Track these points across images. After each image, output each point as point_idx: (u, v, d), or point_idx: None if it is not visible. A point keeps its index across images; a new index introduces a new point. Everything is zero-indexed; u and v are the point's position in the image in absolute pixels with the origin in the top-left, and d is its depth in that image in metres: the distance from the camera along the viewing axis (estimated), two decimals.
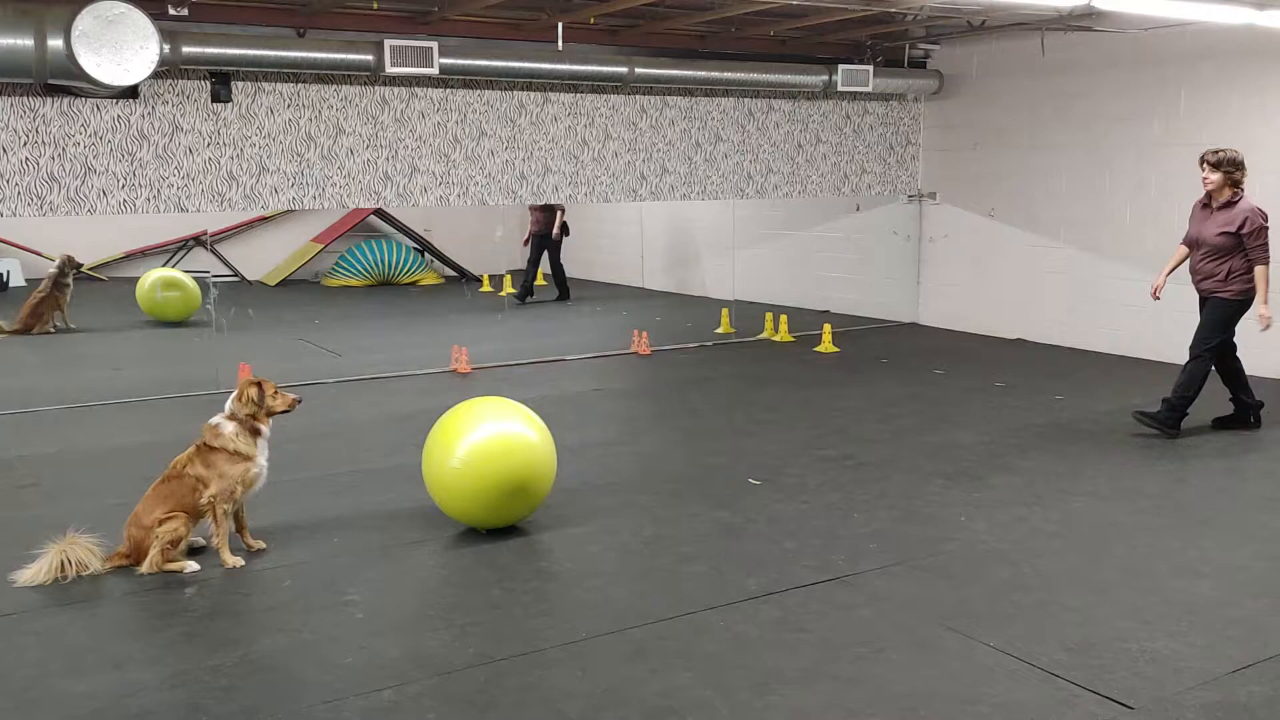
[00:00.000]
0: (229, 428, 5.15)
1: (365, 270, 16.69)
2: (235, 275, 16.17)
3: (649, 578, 4.86)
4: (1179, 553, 5.12)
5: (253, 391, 5.18)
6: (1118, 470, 6.46)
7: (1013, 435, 7.27)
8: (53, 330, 12.19)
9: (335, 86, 8.75)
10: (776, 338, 11.35)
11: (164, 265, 15.77)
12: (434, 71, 8.38)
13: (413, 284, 16.97)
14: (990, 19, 9.86)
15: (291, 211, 16.61)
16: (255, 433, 5.21)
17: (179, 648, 4.20)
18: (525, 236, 14.99)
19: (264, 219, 17.06)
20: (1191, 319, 9.23)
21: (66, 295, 12.31)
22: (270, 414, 5.27)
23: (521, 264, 18.89)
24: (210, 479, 5.04)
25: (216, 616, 4.49)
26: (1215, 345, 7.11)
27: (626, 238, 16.15)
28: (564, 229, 14.63)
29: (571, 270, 15.27)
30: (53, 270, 12.33)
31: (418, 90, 9.08)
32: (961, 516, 5.64)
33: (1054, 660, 4.00)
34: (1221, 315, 7.08)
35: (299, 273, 16.84)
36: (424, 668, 4.00)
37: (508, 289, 15.68)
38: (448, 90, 9.21)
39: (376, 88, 8.91)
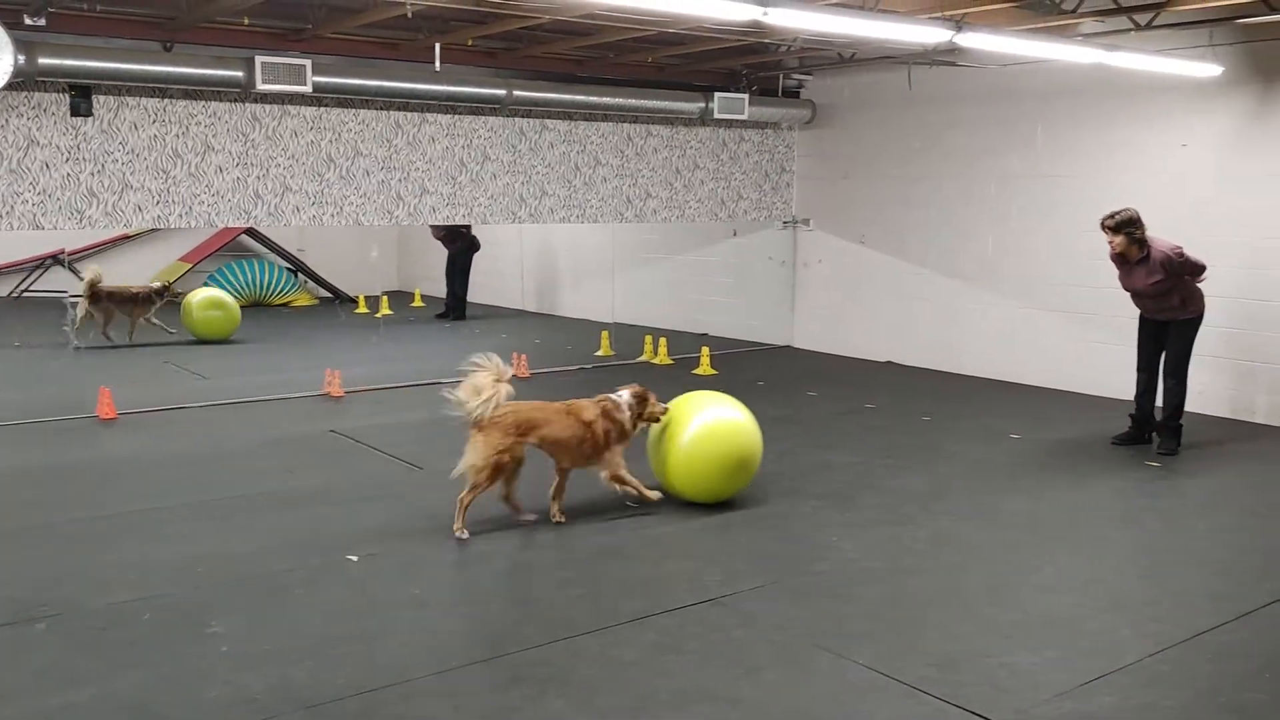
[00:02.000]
0: (626, 413, 5.98)
1: (236, 290, 16.16)
2: None
3: (525, 603, 4.83)
4: (1037, 569, 5.32)
5: (638, 392, 6.12)
6: (981, 490, 6.68)
7: (883, 456, 7.46)
8: None
9: (204, 102, 8.51)
10: (656, 360, 11.43)
11: (19, 284, 15.12)
12: (307, 89, 8.23)
13: (285, 305, 16.56)
14: (860, 52, 10.17)
15: (157, 230, 16.05)
16: (635, 421, 6.02)
17: (29, 685, 3.99)
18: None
19: (127, 237, 16.44)
20: (1047, 342, 9.62)
21: None
22: (646, 418, 6.07)
23: (397, 285, 18.69)
24: (586, 439, 5.83)
25: (71, 652, 4.28)
26: (1188, 363, 7.54)
27: (506, 259, 16.07)
28: (472, 244, 14.87)
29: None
30: None
31: (290, 108, 8.90)
32: (833, 536, 5.76)
33: (920, 676, 4.11)
34: (1189, 336, 7.51)
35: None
36: (291, 700, 3.89)
37: (384, 310, 15.44)
38: (322, 108, 9.05)
39: (247, 104, 8.70)
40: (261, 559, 5.35)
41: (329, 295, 17.24)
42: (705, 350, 11.03)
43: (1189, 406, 7.62)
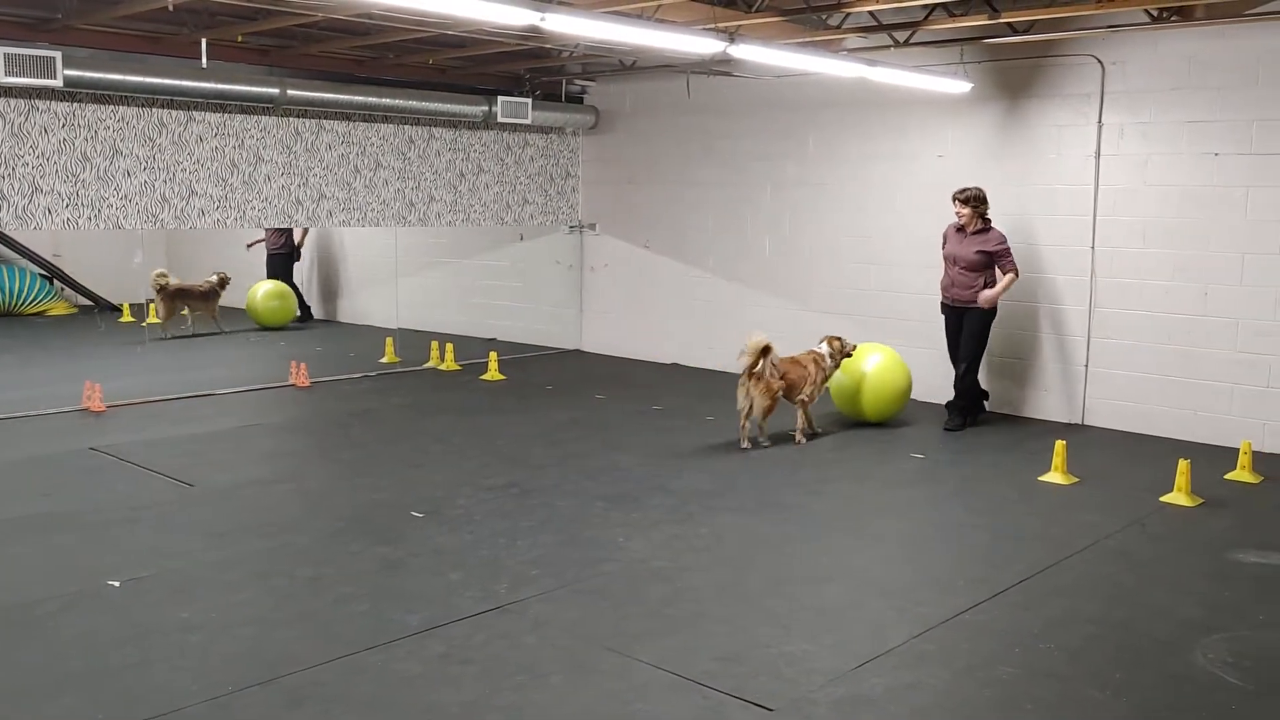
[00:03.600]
0: (828, 361, 8.20)
1: None
2: None
3: (305, 621, 4.66)
4: (813, 560, 5.55)
5: (837, 343, 8.28)
6: (761, 485, 6.92)
7: (668, 456, 7.61)
8: None
9: None
10: (443, 367, 11.28)
11: None
12: (57, 83, 7.68)
13: (40, 314, 15.38)
14: (640, 60, 10.35)
15: None
16: (837, 364, 8.30)
17: None
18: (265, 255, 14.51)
19: None
20: (811, 343, 9.95)
21: None
22: (845, 355, 8.29)
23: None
24: (810, 379, 8.08)
25: None
26: (982, 352, 8.49)
27: None
28: (297, 251, 14.48)
29: (226, 297, 14.44)
30: None
31: (39, 102, 8.28)
32: (620, 537, 5.83)
33: (704, 671, 4.21)
34: (982, 325, 8.40)
35: None
36: None
37: (151, 318, 14.56)
38: (76, 104, 8.47)
39: None
40: (11, 589, 4.95)
41: (89, 303, 16.13)
42: (493, 355, 10.96)
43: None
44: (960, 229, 8.38)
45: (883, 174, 9.70)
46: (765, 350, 7.74)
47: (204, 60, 8.62)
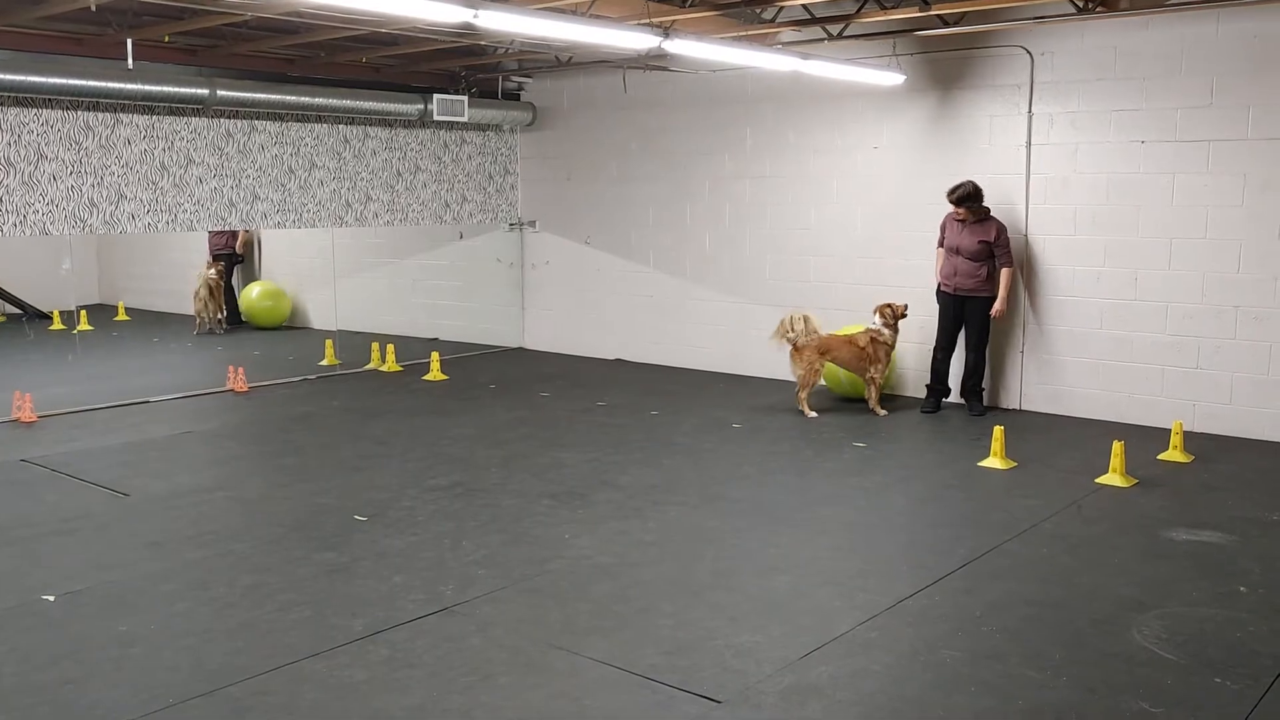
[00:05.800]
0: (886, 332, 8.55)
1: None
2: None
3: (246, 631, 4.59)
4: (760, 552, 5.58)
5: (888, 310, 8.62)
6: (707, 478, 6.95)
7: (614, 452, 7.61)
8: None
9: None
10: (384, 368, 11.17)
11: None
12: None
13: None
14: (577, 56, 10.33)
15: None
16: (895, 330, 8.64)
17: None
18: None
19: None
20: (762, 335, 10.03)
21: None
22: (899, 318, 8.66)
23: (98, 298, 17.30)
24: (870, 358, 8.56)
25: None
26: (988, 338, 8.69)
27: None
28: (236, 257, 14.46)
29: (160, 303, 14.22)
30: None
31: None
32: (566, 534, 5.82)
33: (652, 665, 4.22)
34: (986, 314, 8.60)
35: None
36: None
37: (83, 325, 14.26)
38: None
39: None
40: None
41: (17, 312, 15.74)
42: (435, 355, 10.88)
43: (897, 391, 8.22)
44: (960, 220, 8.53)
45: (820, 166, 9.77)
46: (792, 326, 8.55)
47: (130, 61, 8.44)
